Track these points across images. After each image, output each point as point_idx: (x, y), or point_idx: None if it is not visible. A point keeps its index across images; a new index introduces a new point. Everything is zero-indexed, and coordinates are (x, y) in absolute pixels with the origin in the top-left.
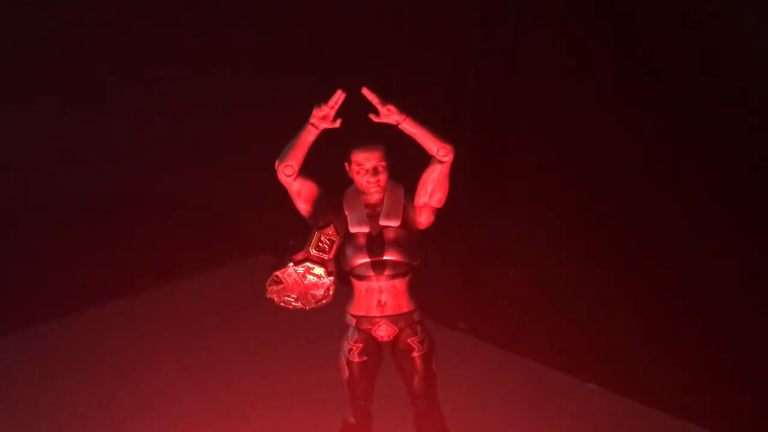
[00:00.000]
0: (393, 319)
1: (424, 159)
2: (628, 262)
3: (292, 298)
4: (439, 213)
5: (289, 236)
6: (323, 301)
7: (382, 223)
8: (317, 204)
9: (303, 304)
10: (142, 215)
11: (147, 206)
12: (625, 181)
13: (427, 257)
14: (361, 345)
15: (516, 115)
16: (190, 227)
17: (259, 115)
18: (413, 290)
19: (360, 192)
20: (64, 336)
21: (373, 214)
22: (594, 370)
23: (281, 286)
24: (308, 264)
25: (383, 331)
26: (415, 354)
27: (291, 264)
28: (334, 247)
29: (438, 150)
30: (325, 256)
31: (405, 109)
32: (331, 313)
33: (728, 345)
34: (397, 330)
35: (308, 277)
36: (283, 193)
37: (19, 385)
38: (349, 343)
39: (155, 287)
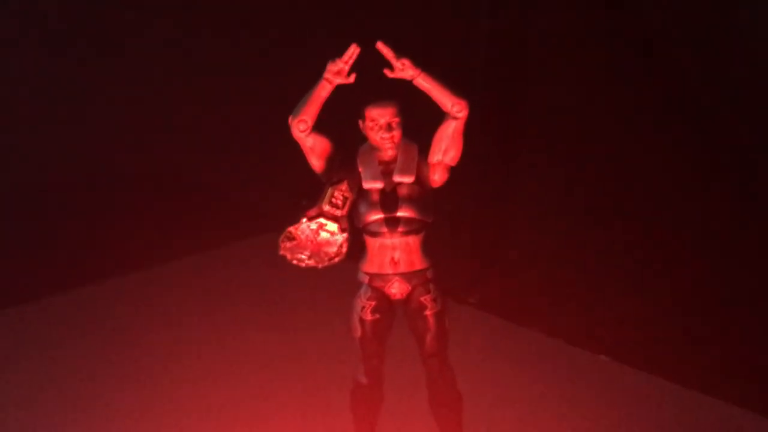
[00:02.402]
0: (406, 276)
1: (437, 119)
2: (638, 232)
3: (305, 255)
4: (449, 183)
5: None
6: (336, 259)
7: (396, 179)
8: (330, 160)
9: (316, 262)
10: (148, 195)
11: (152, 186)
12: (638, 155)
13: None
14: (374, 303)
15: (529, 79)
16: (195, 206)
17: (270, 94)
18: (426, 248)
19: (374, 148)
20: (67, 312)
21: (386, 170)
22: (605, 341)
23: (294, 242)
24: (321, 220)
25: (396, 289)
26: (428, 312)
27: (304, 220)
28: (348, 203)
29: (453, 106)
30: (338, 212)
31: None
32: (342, 275)
33: (742, 315)
34: (410, 288)
35: (321, 233)
36: (289, 172)
37: (22, 359)
38: (361, 301)
39: (160, 265)
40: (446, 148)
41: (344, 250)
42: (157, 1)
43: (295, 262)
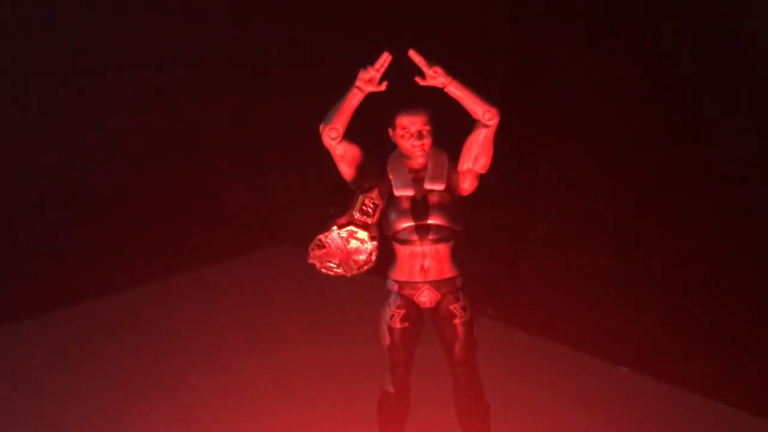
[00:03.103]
0: (436, 284)
1: (468, 126)
2: (656, 244)
3: (334, 263)
4: (472, 195)
5: (309, 228)
6: (365, 267)
7: (427, 186)
8: (361, 168)
9: (344, 271)
10: (161, 206)
11: (165, 197)
12: (658, 164)
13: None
14: (403, 311)
15: (546, 102)
16: (209, 218)
17: (281, 106)
18: (456, 256)
19: (404, 156)
20: (77, 326)
21: (417, 178)
22: (625, 353)
23: (324, 250)
24: (352, 228)
25: (426, 297)
26: (457, 321)
27: (335, 228)
28: (378, 210)
29: (484, 113)
30: (369, 220)
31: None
32: (366, 286)
33: (765, 326)
34: (439, 296)
35: (351, 241)
36: (302, 185)
37: (29, 373)
38: (391, 309)
39: (174, 277)
40: (476, 155)
41: (374, 258)
42: (164, 6)
43: (324, 270)
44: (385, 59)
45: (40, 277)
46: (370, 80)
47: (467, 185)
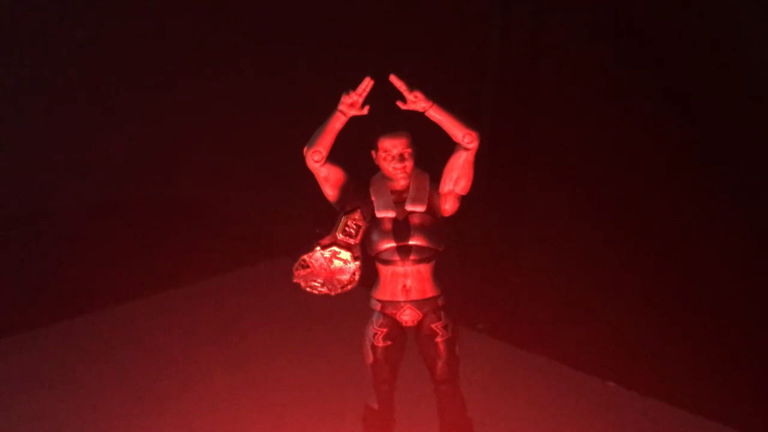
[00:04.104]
0: (417, 303)
1: (449, 148)
2: (644, 261)
3: (318, 283)
4: (459, 212)
5: (307, 240)
6: (348, 287)
7: (408, 208)
8: (344, 190)
9: (329, 290)
10: (162, 219)
11: (167, 210)
12: (644, 180)
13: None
14: (385, 329)
15: (536, 116)
16: (210, 231)
17: (280, 120)
18: (437, 276)
19: (386, 178)
20: (81, 335)
21: (399, 200)
22: (613, 368)
23: (308, 270)
24: (335, 248)
25: (408, 316)
26: (438, 339)
27: (318, 248)
28: (361, 231)
29: (464, 137)
30: (352, 241)
31: (431, 96)
32: (353, 303)
33: (752, 342)
34: (421, 315)
35: (335, 261)
36: (301, 197)
37: (36, 383)
38: (373, 328)
39: (173, 289)
40: (457, 178)
41: (357, 277)
42: (169, 22)
43: (308, 289)
44: (367, 84)
45: (31, 291)
46: (352, 104)
47: (449, 206)
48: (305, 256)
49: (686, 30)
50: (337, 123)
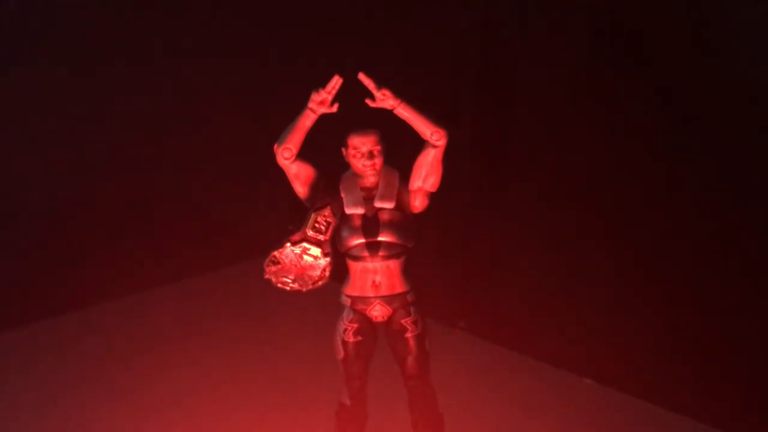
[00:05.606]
0: (387, 299)
1: (418, 146)
2: (626, 259)
3: (290, 279)
4: (440, 211)
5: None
6: (319, 283)
7: (377, 205)
8: (314, 186)
9: (300, 286)
10: (144, 218)
11: (149, 209)
12: (625, 176)
13: (424, 252)
14: (356, 325)
15: (517, 110)
16: (190, 231)
17: (260, 118)
18: (407, 272)
19: (356, 175)
20: (68, 334)
21: (368, 197)
22: (590, 365)
23: (279, 266)
24: (305, 245)
25: (378, 312)
26: (408, 335)
27: (288, 244)
28: (331, 228)
29: (432, 134)
30: (322, 237)
31: (400, 94)
32: (325, 300)
33: (725, 338)
34: (391, 310)
35: (305, 257)
36: (281, 197)
37: (30, 379)
38: (344, 323)
39: (157, 288)
40: (426, 175)
41: (327, 273)
42: (152, 20)
43: (279, 285)
44: (336, 82)
45: (25, 287)
46: (322, 102)
47: (418, 203)
48: (275, 253)
49: (670, 25)
50: (306, 120)
